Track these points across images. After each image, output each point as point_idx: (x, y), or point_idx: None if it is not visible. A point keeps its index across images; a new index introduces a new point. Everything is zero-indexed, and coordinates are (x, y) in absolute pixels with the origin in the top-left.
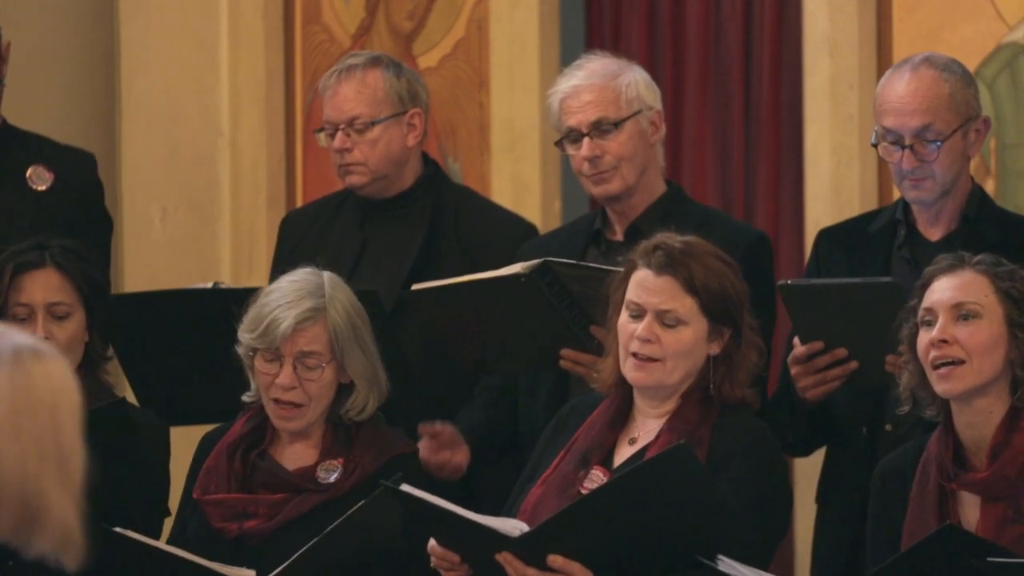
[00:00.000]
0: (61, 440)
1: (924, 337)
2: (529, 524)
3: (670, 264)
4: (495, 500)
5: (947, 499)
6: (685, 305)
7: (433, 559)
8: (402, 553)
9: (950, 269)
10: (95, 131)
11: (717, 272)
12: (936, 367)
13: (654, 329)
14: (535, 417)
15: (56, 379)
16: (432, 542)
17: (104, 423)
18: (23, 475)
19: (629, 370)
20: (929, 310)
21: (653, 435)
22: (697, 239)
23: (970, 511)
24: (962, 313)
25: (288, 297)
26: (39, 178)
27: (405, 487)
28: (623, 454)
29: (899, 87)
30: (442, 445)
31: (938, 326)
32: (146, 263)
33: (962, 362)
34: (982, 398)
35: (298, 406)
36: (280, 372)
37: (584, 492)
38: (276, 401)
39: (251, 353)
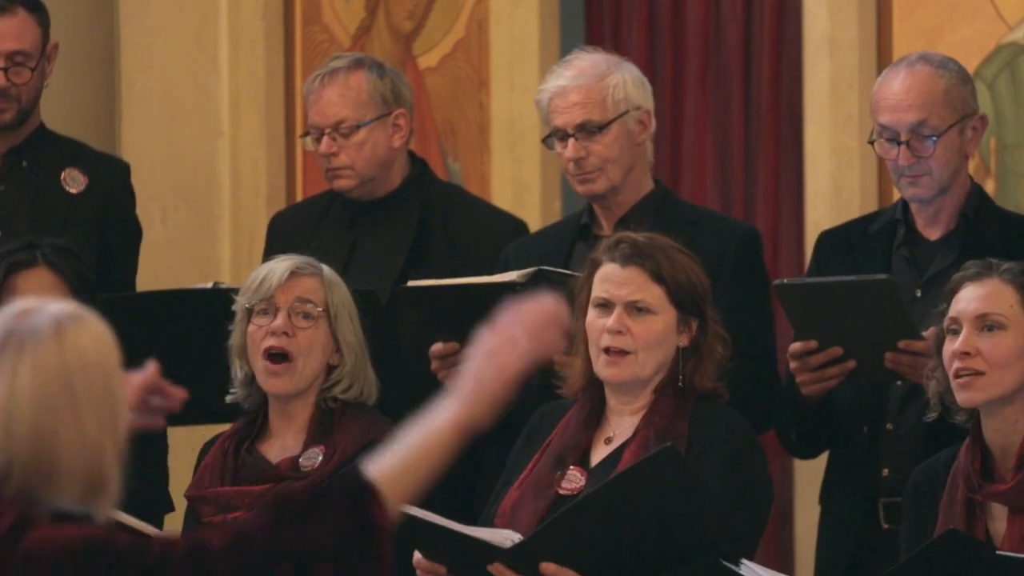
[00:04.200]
0: (115, 401)
1: (949, 346)
2: (507, 527)
3: (636, 255)
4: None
5: (975, 509)
6: (654, 294)
7: (419, 573)
8: None
9: (976, 277)
10: (95, 131)
11: (681, 263)
12: (957, 377)
13: (624, 321)
14: (526, 407)
15: (100, 340)
16: (417, 555)
17: None
18: (86, 446)
19: (602, 367)
20: (954, 319)
21: (630, 432)
22: (658, 235)
23: (998, 522)
24: (987, 324)
25: (284, 257)
26: (73, 181)
27: None
28: (599, 453)
29: (895, 84)
30: None
31: (961, 337)
32: (146, 263)
33: (983, 373)
34: (1009, 407)
35: (289, 361)
36: (274, 321)
37: (561, 492)
38: (267, 355)
39: (245, 319)
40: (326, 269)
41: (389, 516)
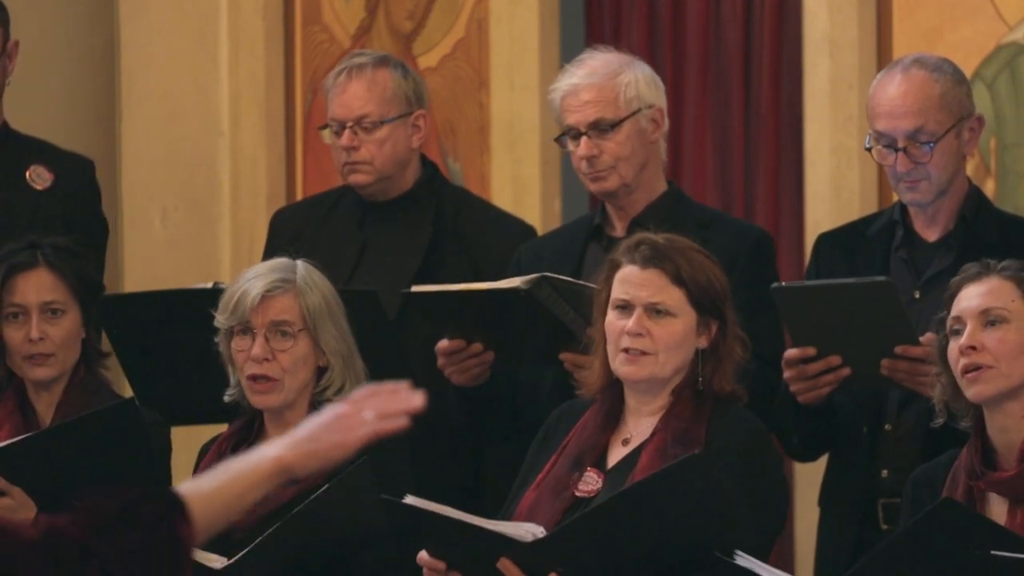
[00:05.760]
0: None
1: (954, 345)
2: None
3: (656, 257)
4: (502, 480)
5: (975, 502)
6: (674, 296)
7: (426, 572)
8: (374, 535)
9: (976, 277)
10: (95, 131)
11: (701, 265)
12: (965, 372)
13: (644, 323)
14: (539, 408)
15: None
16: (423, 553)
17: (114, 423)
18: None
19: (620, 365)
20: (957, 318)
21: (647, 434)
22: (677, 236)
23: (998, 515)
24: (990, 319)
25: (257, 272)
26: (39, 178)
27: (410, 499)
28: (616, 455)
29: (890, 90)
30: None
31: (966, 333)
32: (146, 263)
33: (991, 367)
34: (1013, 402)
35: (273, 380)
36: (253, 346)
37: (578, 494)
38: (251, 377)
39: (228, 336)
40: (299, 273)
41: (194, 534)
